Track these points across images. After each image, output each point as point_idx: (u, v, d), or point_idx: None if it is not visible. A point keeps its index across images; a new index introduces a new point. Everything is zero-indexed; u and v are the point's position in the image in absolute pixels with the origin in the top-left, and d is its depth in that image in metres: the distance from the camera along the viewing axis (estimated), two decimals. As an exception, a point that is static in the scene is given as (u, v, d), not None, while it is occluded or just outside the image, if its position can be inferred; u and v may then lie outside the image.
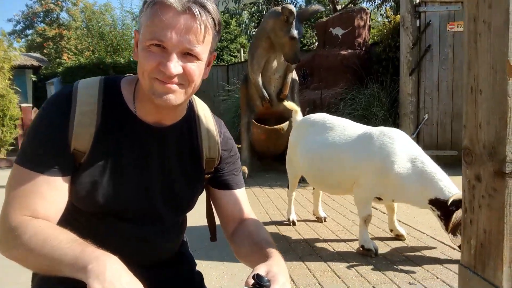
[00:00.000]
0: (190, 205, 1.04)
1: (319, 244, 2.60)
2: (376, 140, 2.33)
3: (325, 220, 3.08)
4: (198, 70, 0.84)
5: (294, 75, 5.06)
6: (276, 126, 4.77)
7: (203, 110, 1.04)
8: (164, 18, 0.78)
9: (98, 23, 10.92)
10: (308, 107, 5.75)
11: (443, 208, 2.14)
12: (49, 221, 0.83)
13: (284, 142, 5.02)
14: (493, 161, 1.06)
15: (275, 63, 4.82)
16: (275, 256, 0.82)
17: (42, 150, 0.83)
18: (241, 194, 1.06)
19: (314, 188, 3.10)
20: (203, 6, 0.80)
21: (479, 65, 1.10)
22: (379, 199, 2.45)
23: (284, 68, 4.85)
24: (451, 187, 2.19)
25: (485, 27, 1.06)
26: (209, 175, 1.04)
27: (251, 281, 0.71)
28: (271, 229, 2.91)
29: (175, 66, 0.79)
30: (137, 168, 0.92)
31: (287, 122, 4.88)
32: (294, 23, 4.32)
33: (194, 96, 0.99)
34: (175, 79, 0.81)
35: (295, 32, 4.35)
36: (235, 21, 12.00)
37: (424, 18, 5.22)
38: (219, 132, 1.04)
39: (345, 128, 2.56)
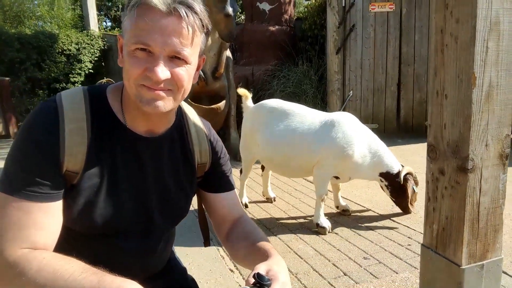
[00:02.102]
0: (184, 212, 1.04)
1: (274, 225, 2.73)
2: (338, 127, 2.54)
3: (274, 200, 3.22)
4: (187, 74, 0.81)
5: (228, 53, 5.02)
6: (213, 106, 4.73)
7: (191, 114, 1.03)
8: (148, 21, 0.74)
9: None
10: (241, 83, 5.76)
11: (391, 180, 2.64)
12: (48, 250, 0.78)
13: (220, 121, 5.03)
14: (456, 158, 1.22)
15: (209, 41, 4.70)
16: (275, 255, 0.84)
17: (33, 175, 0.76)
18: (233, 195, 1.07)
19: (263, 171, 3.20)
20: (190, 7, 0.77)
21: (445, 72, 1.23)
22: (337, 178, 2.68)
23: (218, 46, 4.77)
24: (395, 161, 2.68)
25: (451, 40, 1.19)
26: (200, 179, 1.04)
27: (252, 280, 0.72)
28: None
29: (162, 71, 0.76)
30: (133, 182, 0.89)
31: (223, 102, 4.86)
32: (229, 0, 4.24)
33: None
34: (163, 85, 0.78)
35: (230, 10, 4.27)
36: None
37: (349, -2, 5.47)
38: (208, 136, 1.03)
39: (305, 114, 2.70)
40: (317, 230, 2.57)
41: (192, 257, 2.23)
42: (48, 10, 9.92)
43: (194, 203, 1.08)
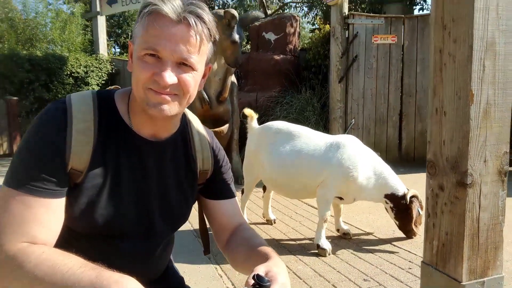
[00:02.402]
0: (185, 218, 1.04)
1: (273, 246, 2.69)
2: (343, 148, 2.59)
3: (274, 222, 3.20)
4: (193, 80, 0.84)
5: (233, 78, 5.12)
6: (216, 129, 4.78)
7: (195, 122, 1.05)
8: (159, 28, 0.78)
9: (3, 8, 9.78)
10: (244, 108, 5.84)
11: (396, 201, 2.66)
12: (47, 246, 0.79)
13: (223, 145, 5.05)
14: (455, 173, 1.24)
15: (215, 66, 4.82)
16: (274, 257, 0.84)
17: (38, 171, 0.78)
18: (234, 203, 1.08)
19: (264, 192, 3.20)
20: (199, 17, 0.80)
21: (443, 90, 1.27)
22: (341, 199, 2.69)
23: (224, 71, 4.88)
24: (401, 183, 2.71)
25: (450, 59, 1.24)
26: (201, 186, 1.05)
27: (251, 282, 0.71)
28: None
29: (170, 76, 0.79)
30: (136, 184, 0.90)
31: (227, 125, 4.92)
32: (235, 27, 4.38)
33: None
34: (170, 90, 0.81)
35: (236, 37, 4.41)
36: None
37: (352, 29, 5.63)
38: (211, 144, 1.05)
39: (310, 136, 2.75)
40: (318, 251, 2.55)
41: (189, 275, 2.20)
42: (59, 34, 10.18)
43: (194, 223, 1.09)
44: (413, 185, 3.84)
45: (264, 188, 3.19)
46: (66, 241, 0.84)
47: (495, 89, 1.20)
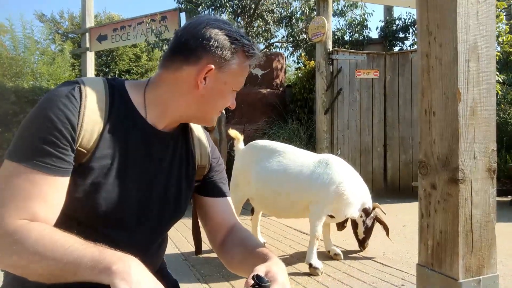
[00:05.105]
0: (182, 213, 1.04)
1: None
2: (331, 165, 2.63)
3: (264, 246, 3.13)
4: None
5: (221, 108, 5.21)
6: (204, 157, 4.79)
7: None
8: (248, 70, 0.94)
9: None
10: (231, 140, 5.89)
11: (368, 214, 2.79)
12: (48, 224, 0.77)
13: (210, 173, 5.04)
14: (447, 170, 1.27)
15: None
16: (273, 257, 0.84)
17: (46, 146, 0.76)
18: (229, 202, 1.08)
19: (252, 215, 3.17)
20: None
21: (432, 92, 1.33)
22: (332, 217, 2.69)
23: (212, 101, 4.96)
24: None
25: (436, 62, 1.30)
26: (197, 183, 1.06)
27: (251, 282, 0.71)
28: (211, 257, 2.86)
29: None
30: (141, 171, 0.90)
31: (215, 154, 4.94)
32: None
33: None
34: None
35: (225, 67, 4.53)
36: (146, 55, 11.93)
37: (336, 64, 5.86)
38: (208, 142, 1.08)
39: (296, 153, 2.79)
40: (309, 271, 2.51)
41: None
42: (46, 69, 10.23)
43: (182, 247, 1.08)
44: (401, 212, 3.87)
45: (253, 210, 3.16)
46: (62, 226, 0.82)
47: (480, 89, 1.26)
